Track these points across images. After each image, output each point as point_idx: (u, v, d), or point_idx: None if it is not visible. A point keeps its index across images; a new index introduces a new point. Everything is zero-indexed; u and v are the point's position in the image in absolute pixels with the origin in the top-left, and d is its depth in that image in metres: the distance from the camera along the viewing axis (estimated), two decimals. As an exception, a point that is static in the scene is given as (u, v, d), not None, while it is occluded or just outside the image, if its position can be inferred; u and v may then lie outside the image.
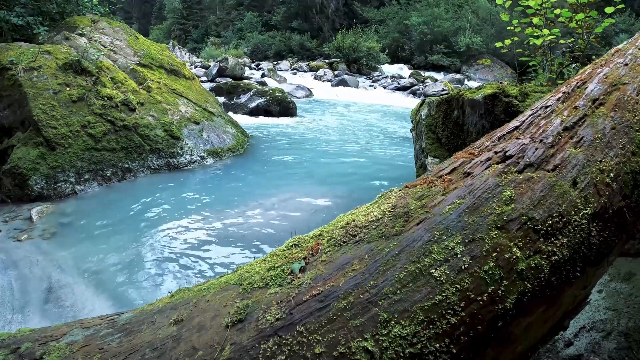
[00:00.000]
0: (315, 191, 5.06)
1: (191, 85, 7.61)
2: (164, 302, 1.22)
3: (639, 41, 1.76)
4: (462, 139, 3.66)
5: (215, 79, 14.38)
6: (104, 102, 5.40)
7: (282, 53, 29.95)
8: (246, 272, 1.19)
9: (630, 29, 18.94)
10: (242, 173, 5.84)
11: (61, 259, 3.46)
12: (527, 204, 1.14)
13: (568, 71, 3.73)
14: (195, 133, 6.34)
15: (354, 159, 6.73)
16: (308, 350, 0.96)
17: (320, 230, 1.25)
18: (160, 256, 3.57)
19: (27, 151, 4.71)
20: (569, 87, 1.52)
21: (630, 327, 1.80)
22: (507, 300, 1.04)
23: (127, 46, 7.01)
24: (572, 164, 1.23)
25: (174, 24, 41.40)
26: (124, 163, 5.33)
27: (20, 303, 2.92)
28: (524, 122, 1.41)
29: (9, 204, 4.53)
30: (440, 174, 1.31)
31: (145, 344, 1.07)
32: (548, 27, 3.70)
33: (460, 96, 3.66)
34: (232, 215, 4.37)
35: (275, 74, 17.79)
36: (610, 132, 1.33)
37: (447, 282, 1.03)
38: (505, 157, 1.27)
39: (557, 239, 1.12)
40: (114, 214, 4.35)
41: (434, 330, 0.99)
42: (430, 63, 24.28)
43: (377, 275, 1.05)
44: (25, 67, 5.08)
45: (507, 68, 21.34)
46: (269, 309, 1.04)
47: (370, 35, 25.22)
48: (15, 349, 1.13)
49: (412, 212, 1.18)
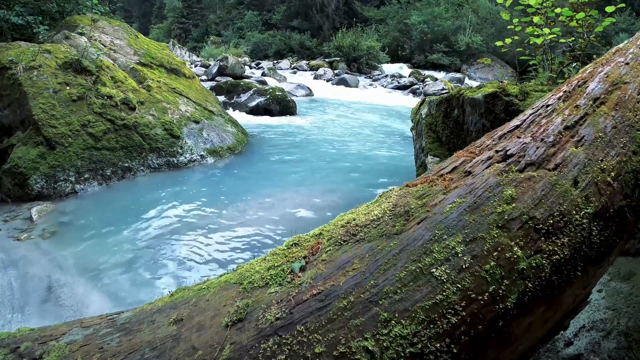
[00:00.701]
0: (315, 190, 5.06)
1: (191, 84, 7.61)
2: (164, 301, 1.22)
3: (639, 40, 1.76)
4: (462, 138, 3.65)
5: (215, 78, 14.36)
6: (104, 101, 5.40)
7: (282, 52, 29.93)
8: (246, 272, 1.19)
9: (631, 29, 18.93)
10: (242, 172, 5.84)
11: (61, 258, 3.46)
12: (528, 203, 1.13)
13: (568, 70, 3.73)
14: (195, 132, 6.33)
15: (354, 157, 6.73)
16: (308, 349, 0.96)
17: (321, 229, 1.25)
18: (160, 255, 3.57)
19: (27, 150, 4.71)
20: (570, 86, 1.52)
21: (630, 326, 1.80)
22: (508, 299, 1.03)
23: (127, 45, 7.01)
24: (573, 163, 1.23)
25: (174, 23, 41.39)
26: (123, 162, 5.33)
27: (20, 302, 2.92)
28: (525, 121, 1.41)
29: (8, 204, 4.53)
30: (441, 173, 1.30)
31: (145, 343, 1.06)
32: (548, 26, 3.69)
33: (461, 95, 3.66)
34: (232, 214, 4.36)
35: (275, 73, 17.77)
36: (611, 131, 1.32)
37: (448, 281, 1.02)
38: (506, 156, 1.27)
39: (558, 238, 1.11)
40: (114, 213, 4.35)
41: (435, 330, 0.98)
42: (430, 62, 24.25)
43: (378, 275, 1.05)
44: (25, 66, 5.07)
45: (508, 67, 21.33)
46: (269, 308, 1.04)
47: (370, 34, 25.20)
48: (14, 349, 1.13)
49: (413, 211, 1.18)
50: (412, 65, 24.36)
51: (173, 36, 37.51)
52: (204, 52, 27.51)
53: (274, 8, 34.50)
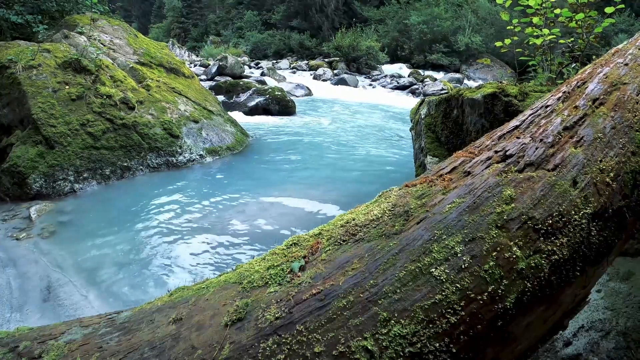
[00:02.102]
0: (314, 190, 5.06)
1: (190, 83, 7.60)
2: (163, 300, 1.22)
3: (639, 41, 1.76)
4: (461, 138, 3.66)
5: (215, 78, 14.35)
6: (103, 101, 5.39)
7: (281, 52, 29.92)
8: (245, 271, 1.19)
9: (630, 29, 18.95)
10: (241, 172, 5.84)
11: (60, 258, 3.46)
12: (527, 203, 1.13)
13: (568, 71, 3.73)
14: (195, 132, 6.33)
15: (354, 157, 6.73)
16: (308, 349, 0.96)
17: (320, 229, 1.25)
18: (159, 254, 3.57)
19: (26, 149, 4.71)
20: (569, 87, 1.52)
21: (628, 326, 1.80)
22: (507, 299, 1.04)
23: (126, 44, 7.00)
24: (572, 164, 1.23)
25: (174, 22, 41.37)
26: (123, 161, 5.32)
27: (19, 302, 2.92)
28: (524, 122, 1.41)
29: (7, 203, 4.53)
30: (440, 173, 1.31)
31: (144, 342, 1.06)
32: (548, 27, 3.70)
33: (460, 95, 3.66)
34: (231, 213, 4.36)
35: (274, 72, 17.76)
36: (610, 131, 1.33)
37: (447, 281, 1.02)
38: (505, 156, 1.27)
39: (557, 238, 1.11)
40: (112, 213, 4.35)
41: (434, 330, 0.98)
42: (429, 62, 24.26)
43: (377, 274, 1.05)
44: (25, 65, 5.07)
45: (507, 68, 21.35)
46: (268, 307, 1.04)
47: (369, 34, 25.21)
48: (13, 348, 1.13)
49: (412, 211, 1.18)
50: (412, 65, 24.38)
51: (172, 36, 37.48)
52: (203, 51, 27.50)
53: (274, 8, 34.48)
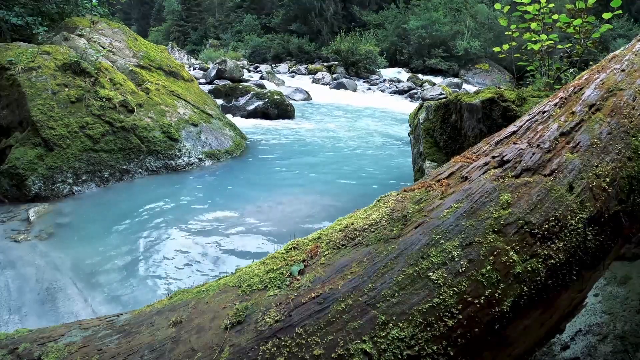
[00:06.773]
0: (313, 194, 5.07)
1: (190, 87, 7.62)
2: (163, 303, 1.23)
3: (635, 47, 1.78)
4: (459, 143, 3.67)
5: (214, 81, 14.39)
6: (102, 103, 5.40)
7: (280, 56, 29.98)
8: (245, 275, 1.19)
9: (628, 34, 19.03)
10: (240, 175, 5.84)
11: (58, 260, 3.45)
12: (524, 208, 1.15)
13: (565, 76, 3.75)
14: (194, 135, 6.34)
15: (352, 162, 6.74)
16: (307, 352, 0.97)
17: (319, 233, 1.26)
18: (158, 257, 3.56)
19: (25, 151, 4.71)
20: (566, 93, 1.54)
21: (626, 330, 1.81)
22: (504, 303, 1.04)
23: (126, 47, 7.02)
24: (569, 169, 1.24)
25: (173, 25, 41.42)
26: (121, 164, 5.32)
27: (17, 304, 2.91)
28: (522, 127, 1.42)
29: (6, 204, 4.52)
30: (438, 178, 1.32)
31: (144, 345, 1.07)
32: (546, 32, 3.72)
33: (458, 100, 3.68)
34: (230, 217, 4.36)
35: (273, 76, 17.80)
36: (606, 137, 1.34)
37: (445, 285, 1.03)
38: (502, 161, 1.28)
39: (554, 242, 1.12)
40: (111, 215, 4.35)
41: (432, 333, 0.99)
42: (428, 67, 24.33)
43: (376, 278, 1.06)
44: (24, 67, 5.08)
45: (505, 73, 21.39)
46: (268, 311, 1.04)
47: (368, 38, 25.29)
48: (13, 350, 1.13)
49: (411, 215, 1.19)
50: (410, 69, 24.44)
51: (172, 39, 37.54)
52: (202, 55, 27.57)
53: (273, 12, 34.55)
